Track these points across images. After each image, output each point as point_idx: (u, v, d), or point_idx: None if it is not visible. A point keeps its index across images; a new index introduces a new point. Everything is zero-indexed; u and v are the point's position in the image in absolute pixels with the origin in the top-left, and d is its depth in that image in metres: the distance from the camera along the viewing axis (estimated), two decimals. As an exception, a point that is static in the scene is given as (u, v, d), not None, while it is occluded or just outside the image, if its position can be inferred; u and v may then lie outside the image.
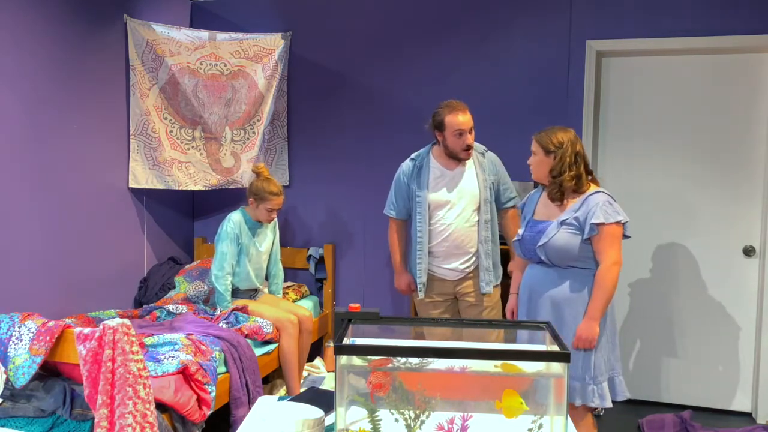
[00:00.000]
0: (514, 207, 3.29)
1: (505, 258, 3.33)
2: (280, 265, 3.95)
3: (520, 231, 2.74)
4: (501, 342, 1.98)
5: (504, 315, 3.11)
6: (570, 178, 2.57)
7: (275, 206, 3.66)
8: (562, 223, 2.56)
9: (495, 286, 3.23)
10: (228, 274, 3.56)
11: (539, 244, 2.58)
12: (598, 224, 2.49)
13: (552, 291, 2.60)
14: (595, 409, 2.66)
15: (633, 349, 3.97)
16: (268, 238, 3.81)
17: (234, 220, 3.63)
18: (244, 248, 3.64)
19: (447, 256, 3.19)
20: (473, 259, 3.19)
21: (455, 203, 3.16)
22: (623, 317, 3.97)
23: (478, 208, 3.16)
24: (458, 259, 3.19)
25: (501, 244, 3.32)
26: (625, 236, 2.57)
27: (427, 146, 3.29)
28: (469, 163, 3.19)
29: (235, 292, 3.67)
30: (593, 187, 2.62)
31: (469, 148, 3.13)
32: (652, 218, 3.88)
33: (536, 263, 2.68)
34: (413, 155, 3.30)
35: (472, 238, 3.17)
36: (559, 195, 2.61)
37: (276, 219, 3.82)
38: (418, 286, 3.23)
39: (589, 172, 2.65)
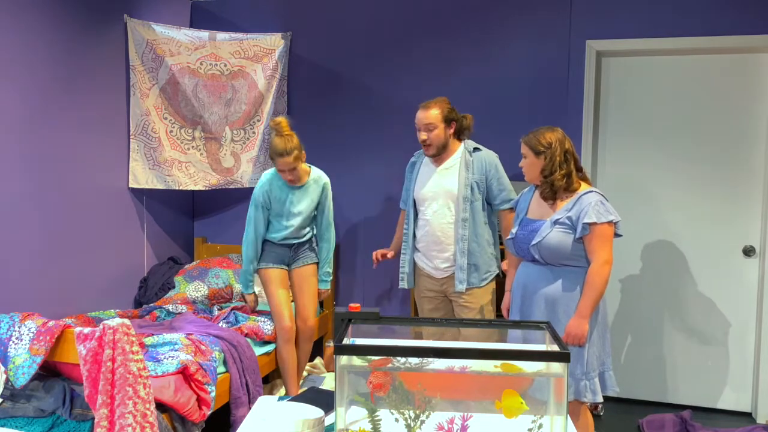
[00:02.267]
0: (511, 209, 3.17)
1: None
2: (330, 234, 3.55)
3: (514, 230, 2.76)
4: (494, 342, 1.98)
5: (500, 315, 3.10)
6: (561, 177, 2.59)
7: (282, 167, 3.25)
8: (556, 222, 2.58)
9: (476, 287, 3.14)
10: (252, 241, 3.37)
11: (533, 243, 2.60)
12: (590, 224, 2.51)
13: (546, 289, 2.61)
14: (590, 404, 2.67)
15: (632, 349, 3.97)
16: (307, 199, 3.41)
17: (263, 180, 3.37)
18: (276, 208, 3.38)
19: (427, 252, 3.22)
20: (453, 258, 3.18)
21: (434, 200, 3.19)
22: (622, 317, 3.97)
23: (457, 207, 3.14)
24: (437, 256, 3.19)
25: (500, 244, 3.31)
26: (617, 235, 2.59)
27: None
28: (456, 160, 3.18)
29: (271, 243, 3.45)
30: (585, 186, 2.64)
31: (425, 144, 3.15)
32: (652, 218, 3.88)
33: (529, 261, 2.69)
34: (418, 151, 3.35)
35: (450, 236, 3.16)
36: (551, 194, 2.63)
37: (326, 180, 3.47)
38: (400, 276, 3.33)
39: (579, 169, 2.67)
